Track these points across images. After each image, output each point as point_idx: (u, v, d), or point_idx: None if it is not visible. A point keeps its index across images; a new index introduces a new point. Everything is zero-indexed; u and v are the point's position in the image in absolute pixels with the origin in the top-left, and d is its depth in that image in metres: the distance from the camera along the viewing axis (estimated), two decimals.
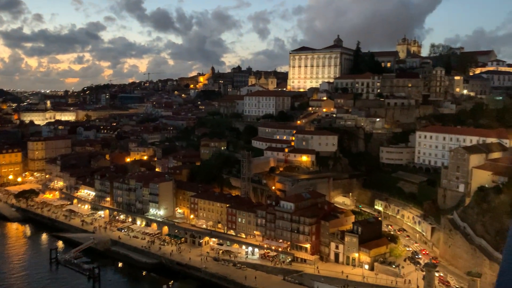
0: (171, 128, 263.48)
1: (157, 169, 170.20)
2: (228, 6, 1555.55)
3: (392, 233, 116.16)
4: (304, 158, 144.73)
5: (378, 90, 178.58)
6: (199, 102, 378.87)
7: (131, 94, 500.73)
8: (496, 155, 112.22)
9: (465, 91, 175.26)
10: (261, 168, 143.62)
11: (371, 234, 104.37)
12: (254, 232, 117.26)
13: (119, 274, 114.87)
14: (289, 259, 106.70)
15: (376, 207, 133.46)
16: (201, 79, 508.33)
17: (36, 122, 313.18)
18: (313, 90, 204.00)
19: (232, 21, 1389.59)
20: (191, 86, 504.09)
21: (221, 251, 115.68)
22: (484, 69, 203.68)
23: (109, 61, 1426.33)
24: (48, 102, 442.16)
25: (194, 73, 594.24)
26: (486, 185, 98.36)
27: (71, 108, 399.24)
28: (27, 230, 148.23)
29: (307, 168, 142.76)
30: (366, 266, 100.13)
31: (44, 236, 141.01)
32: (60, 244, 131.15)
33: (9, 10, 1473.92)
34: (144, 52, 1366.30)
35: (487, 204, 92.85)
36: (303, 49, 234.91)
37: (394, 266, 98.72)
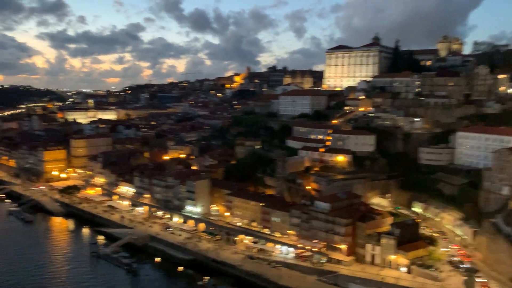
0: (208, 127, 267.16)
1: (193, 167, 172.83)
2: (265, 5, 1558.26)
3: (430, 235, 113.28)
4: (340, 158, 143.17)
5: (418, 89, 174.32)
6: (234, 102, 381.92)
7: (169, 94, 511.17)
8: None
9: (510, 90, 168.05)
10: (296, 168, 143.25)
11: (409, 236, 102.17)
12: (289, 231, 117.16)
13: (156, 269, 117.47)
14: (324, 260, 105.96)
15: (414, 209, 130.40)
16: (237, 78, 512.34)
17: (79, 121, 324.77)
18: (350, 89, 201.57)
19: (268, 20, 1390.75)
20: (227, 85, 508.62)
21: (255, 250, 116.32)
22: None
23: (149, 62, 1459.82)
24: (91, 101, 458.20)
25: (230, 73, 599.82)
26: None
27: (112, 107, 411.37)
28: (70, 224, 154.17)
29: (343, 168, 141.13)
30: (403, 269, 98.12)
31: (85, 231, 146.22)
32: (100, 238, 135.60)
33: (55, 13, 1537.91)
34: (182, 52, 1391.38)
35: None
36: (340, 48, 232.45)
37: (432, 269, 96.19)
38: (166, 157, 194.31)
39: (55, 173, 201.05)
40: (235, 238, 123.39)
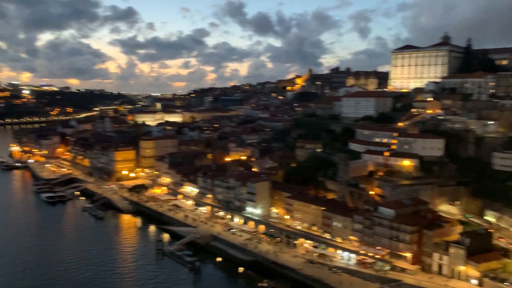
0: (268, 129, 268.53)
1: (254, 169, 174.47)
2: (328, 6, 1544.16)
3: (505, 247, 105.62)
4: (406, 163, 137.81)
5: (492, 91, 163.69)
6: (295, 104, 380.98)
7: (232, 97, 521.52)
8: None
9: None
10: (359, 172, 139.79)
11: (481, 246, 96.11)
12: (350, 237, 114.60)
13: (217, 269, 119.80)
14: (387, 267, 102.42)
15: (486, 217, 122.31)
16: (298, 81, 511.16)
17: (147, 123, 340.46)
18: (418, 90, 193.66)
19: (331, 21, 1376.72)
20: (289, 88, 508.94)
21: (316, 254, 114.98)
22: None
23: (212, 66, 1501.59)
24: (158, 105, 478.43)
25: (292, 75, 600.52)
26: None
27: (178, 110, 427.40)
28: (138, 221, 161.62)
29: (409, 173, 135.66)
30: (474, 281, 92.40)
31: (152, 228, 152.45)
32: (165, 236, 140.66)
33: (126, 20, 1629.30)
34: (245, 56, 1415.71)
35: None
36: (407, 48, 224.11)
37: (507, 283, 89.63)
38: (228, 159, 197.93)
39: (125, 172, 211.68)
40: (295, 242, 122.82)
